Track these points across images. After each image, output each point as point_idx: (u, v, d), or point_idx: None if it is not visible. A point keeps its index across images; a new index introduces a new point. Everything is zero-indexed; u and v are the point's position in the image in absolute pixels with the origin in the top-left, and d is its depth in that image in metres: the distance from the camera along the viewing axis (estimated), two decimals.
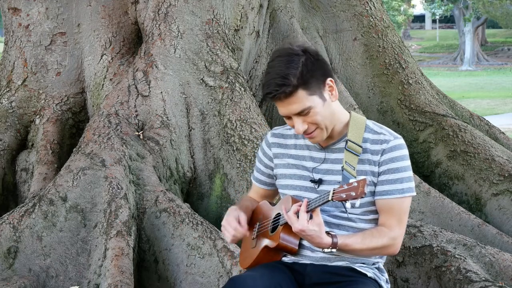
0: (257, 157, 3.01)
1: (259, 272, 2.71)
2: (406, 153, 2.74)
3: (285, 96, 2.64)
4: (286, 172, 2.87)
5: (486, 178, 4.88)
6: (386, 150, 2.72)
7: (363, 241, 2.69)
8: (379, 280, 2.81)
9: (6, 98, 4.90)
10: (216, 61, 4.65)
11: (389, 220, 2.73)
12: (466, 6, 37.24)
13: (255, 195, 3.08)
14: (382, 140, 2.73)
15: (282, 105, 2.66)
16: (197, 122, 4.59)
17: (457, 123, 5.14)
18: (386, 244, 2.72)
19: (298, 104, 2.64)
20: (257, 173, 3.02)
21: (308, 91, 2.64)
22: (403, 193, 2.72)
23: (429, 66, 34.99)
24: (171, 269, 4.00)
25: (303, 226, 2.61)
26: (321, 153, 2.80)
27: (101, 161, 4.21)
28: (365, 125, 2.78)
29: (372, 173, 2.73)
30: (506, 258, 3.98)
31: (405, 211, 2.75)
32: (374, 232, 2.72)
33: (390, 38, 5.44)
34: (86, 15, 4.90)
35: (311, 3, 5.43)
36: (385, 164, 2.71)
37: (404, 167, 2.72)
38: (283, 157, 2.88)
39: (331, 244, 2.64)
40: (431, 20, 57.69)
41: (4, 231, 4.04)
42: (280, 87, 2.62)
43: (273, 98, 2.66)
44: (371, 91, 5.38)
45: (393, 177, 2.71)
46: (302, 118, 2.67)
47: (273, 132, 2.94)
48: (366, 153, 2.73)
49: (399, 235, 2.74)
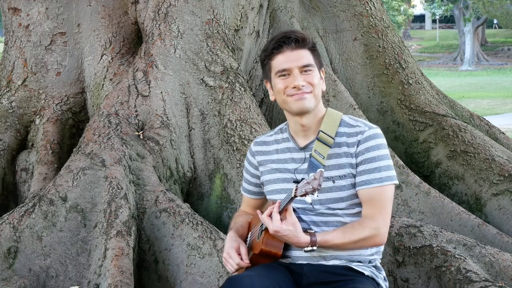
0: (244, 168, 3.05)
1: (257, 272, 2.72)
2: (382, 142, 2.76)
3: (300, 44, 2.74)
4: (270, 177, 2.90)
5: (486, 178, 4.88)
6: (361, 140, 2.74)
7: (343, 235, 2.70)
8: (376, 278, 2.82)
9: (6, 98, 4.91)
10: (216, 61, 4.66)
11: (371, 210, 2.73)
12: (466, 6, 37.26)
13: (247, 207, 3.11)
14: (357, 132, 2.76)
15: (290, 54, 2.75)
16: (197, 122, 4.59)
17: (457, 123, 5.14)
18: (368, 235, 2.71)
19: (306, 58, 2.76)
20: (245, 183, 3.06)
21: (315, 59, 2.79)
22: (382, 182, 2.72)
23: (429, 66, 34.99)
24: (171, 269, 4.00)
25: (277, 227, 2.64)
26: (301, 153, 2.83)
27: (101, 161, 4.21)
28: (341, 120, 2.81)
29: (350, 165, 2.75)
30: (506, 258, 3.98)
31: (386, 200, 2.75)
32: (355, 225, 2.72)
33: (390, 38, 5.44)
34: (86, 15, 4.90)
35: (311, 3, 5.43)
36: (362, 155, 2.74)
37: (381, 155, 2.73)
38: (267, 164, 2.92)
39: (309, 242, 2.65)
40: (431, 20, 57.70)
41: (4, 231, 4.04)
42: (299, 33, 2.77)
43: (286, 41, 2.74)
44: (371, 91, 5.37)
45: (370, 166, 2.72)
46: (303, 76, 2.74)
47: (255, 141, 2.99)
48: (343, 146, 2.76)
49: (382, 224, 2.73)
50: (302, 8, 5.39)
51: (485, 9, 33.75)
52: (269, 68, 2.81)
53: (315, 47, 2.81)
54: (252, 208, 3.09)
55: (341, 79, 5.33)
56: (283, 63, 2.75)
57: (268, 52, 2.80)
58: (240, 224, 3.02)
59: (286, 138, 2.89)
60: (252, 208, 3.09)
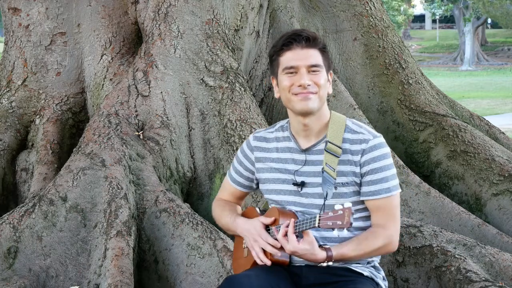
0: (237, 159, 3.00)
1: (255, 272, 2.71)
2: (387, 151, 2.75)
3: (310, 42, 2.72)
4: (269, 176, 2.87)
5: (486, 178, 4.88)
6: (366, 150, 2.72)
7: (358, 247, 2.70)
8: (375, 278, 2.82)
9: (6, 98, 4.91)
10: (216, 61, 4.65)
11: (382, 219, 2.74)
12: (466, 6, 37.25)
13: (230, 197, 3.07)
14: (361, 140, 2.74)
15: (299, 52, 2.72)
16: (197, 122, 4.59)
17: (457, 123, 5.14)
18: (382, 244, 2.73)
19: (315, 58, 2.73)
20: (235, 174, 3.01)
21: (324, 60, 2.76)
22: (390, 191, 2.73)
23: (429, 66, 34.99)
24: (171, 269, 4.00)
25: (294, 247, 2.63)
26: (302, 155, 2.80)
27: (101, 161, 4.21)
28: (345, 125, 2.78)
29: (353, 173, 2.73)
30: (506, 258, 3.98)
31: (395, 207, 2.76)
32: (368, 236, 2.73)
33: (390, 38, 5.44)
34: (86, 15, 4.90)
35: (311, 3, 5.43)
36: (367, 165, 2.72)
37: (387, 165, 2.73)
38: (266, 161, 2.89)
39: (326, 258, 2.65)
40: (431, 20, 57.70)
41: (4, 231, 4.04)
42: (311, 32, 2.76)
43: (297, 39, 2.72)
44: (371, 91, 5.37)
45: (377, 177, 2.72)
46: (310, 76, 2.72)
47: (255, 136, 2.94)
48: (346, 153, 2.74)
49: (394, 232, 2.75)
50: (302, 8, 5.39)
51: (485, 9, 33.75)
52: (277, 64, 2.78)
53: (325, 48, 2.78)
54: (235, 198, 3.06)
55: (341, 79, 5.33)
56: (291, 60, 2.73)
57: (277, 48, 2.77)
58: (238, 214, 2.98)
59: (287, 137, 2.86)
60: (235, 198, 3.06)
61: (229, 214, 2.97)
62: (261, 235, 2.77)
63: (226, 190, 3.08)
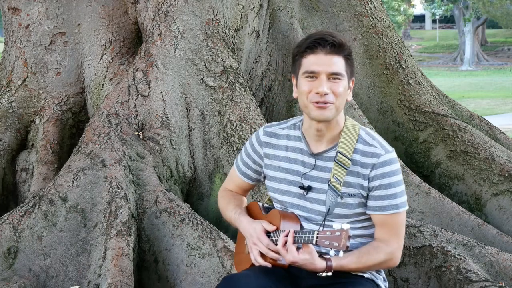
0: (245, 151, 2.95)
1: (254, 271, 2.71)
2: (397, 167, 2.71)
3: (335, 49, 2.65)
4: (276, 175, 2.85)
5: (486, 178, 4.88)
6: (376, 165, 2.69)
7: (359, 260, 2.69)
8: (376, 279, 2.81)
9: (6, 98, 4.91)
10: (216, 61, 4.66)
11: (386, 235, 2.73)
12: (466, 6, 37.24)
13: (236, 188, 3.04)
14: (373, 154, 2.70)
15: (322, 58, 2.65)
16: (197, 122, 4.59)
17: (457, 123, 5.14)
18: (383, 259, 2.72)
19: (338, 65, 2.67)
20: (243, 166, 2.97)
21: (347, 68, 2.70)
22: (397, 208, 2.71)
23: (429, 66, 34.99)
24: (171, 269, 4.00)
25: (294, 257, 2.63)
26: (311, 159, 2.77)
27: (101, 161, 4.21)
28: (358, 135, 2.73)
29: (361, 186, 2.71)
30: (506, 258, 3.98)
31: (401, 224, 2.75)
32: (370, 249, 2.71)
33: (390, 38, 5.44)
34: (86, 15, 4.90)
35: (311, 3, 5.43)
36: (376, 180, 2.69)
37: (396, 182, 2.70)
38: (274, 159, 2.85)
39: (325, 268, 2.65)
40: (431, 20, 57.69)
41: (4, 231, 4.04)
42: (338, 38, 2.68)
43: (322, 43, 2.65)
44: (371, 91, 5.37)
45: (386, 193, 2.69)
46: (329, 83, 2.65)
47: (265, 131, 2.89)
48: (356, 165, 2.71)
49: (396, 249, 2.74)
50: (302, 8, 5.39)
51: (485, 9, 33.74)
52: (299, 65, 2.71)
53: (350, 55, 2.71)
54: (242, 190, 3.03)
55: None
56: (313, 64, 2.66)
57: (301, 49, 2.69)
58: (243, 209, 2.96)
59: (298, 137, 2.81)
60: (242, 190, 3.03)
61: (233, 209, 2.95)
62: (262, 240, 2.75)
63: (233, 181, 3.04)
